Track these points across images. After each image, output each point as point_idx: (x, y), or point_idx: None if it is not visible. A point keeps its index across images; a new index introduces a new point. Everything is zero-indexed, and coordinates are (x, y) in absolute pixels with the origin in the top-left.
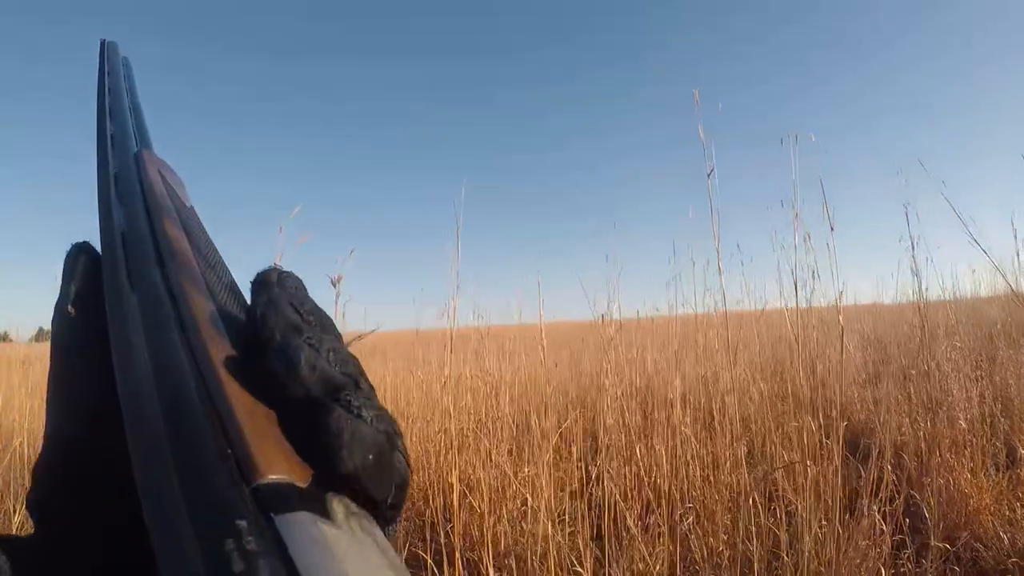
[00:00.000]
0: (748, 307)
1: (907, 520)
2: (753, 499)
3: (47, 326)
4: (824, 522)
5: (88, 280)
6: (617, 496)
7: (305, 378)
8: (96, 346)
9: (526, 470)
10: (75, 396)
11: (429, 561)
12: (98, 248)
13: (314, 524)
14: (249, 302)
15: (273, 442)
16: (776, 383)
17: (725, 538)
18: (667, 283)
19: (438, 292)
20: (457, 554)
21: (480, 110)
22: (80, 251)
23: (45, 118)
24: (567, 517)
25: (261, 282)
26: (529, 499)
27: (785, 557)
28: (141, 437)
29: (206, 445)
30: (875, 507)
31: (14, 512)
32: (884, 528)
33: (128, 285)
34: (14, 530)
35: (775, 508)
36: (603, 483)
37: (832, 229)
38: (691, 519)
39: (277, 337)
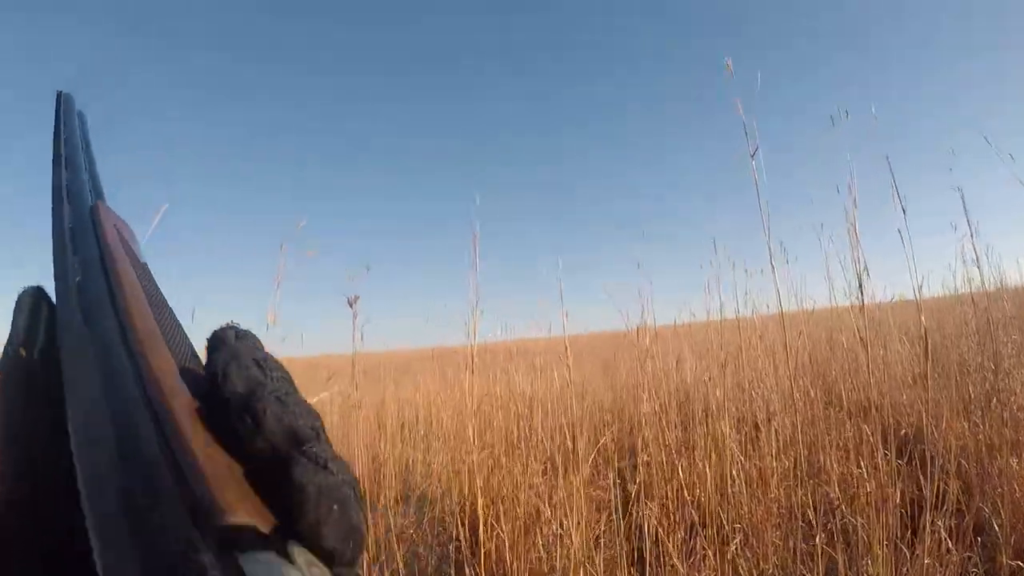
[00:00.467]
0: (791, 307)
1: (977, 538)
2: (805, 516)
3: None
4: (885, 541)
5: (41, 325)
6: (656, 520)
7: (270, 434)
8: (46, 392)
9: (561, 492)
10: (22, 446)
11: None
12: (51, 294)
13: (278, 566)
14: (205, 359)
15: (237, 489)
16: (821, 388)
17: (776, 561)
18: (704, 286)
19: (462, 308)
20: None
21: (495, 118)
22: (33, 296)
23: None
24: (604, 541)
25: (219, 339)
26: (564, 522)
27: None
28: (96, 487)
29: (164, 491)
30: (939, 522)
31: None
32: (951, 546)
33: (86, 334)
34: None
35: (829, 525)
36: (642, 503)
37: (904, 211)
38: (738, 539)
39: (241, 392)
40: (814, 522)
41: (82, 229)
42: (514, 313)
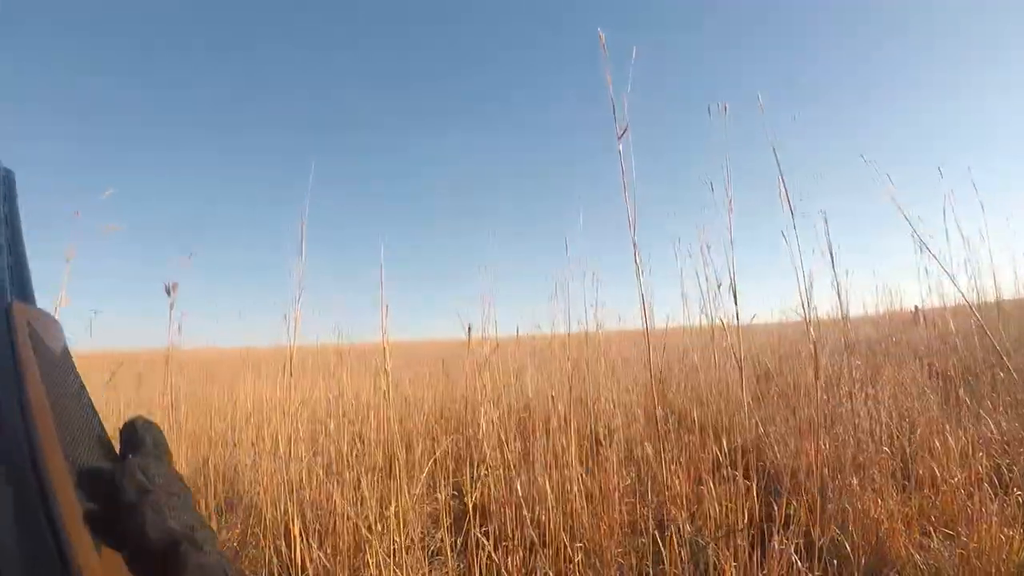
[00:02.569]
0: (637, 323)
1: (831, 560)
2: (648, 534)
3: None
4: (734, 563)
5: None
6: (494, 539)
7: (154, 534)
8: None
9: (392, 507)
10: None
11: None
12: None
13: None
14: (118, 450)
15: None
16: (662, 405)
17: None
18: (551, 296)
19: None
20: None
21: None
22: None
23: None
24: (443, 555)
25: (124, 440)
26: (397, 540)
27: None
28: None
29: None
30: (787, 540)
31: None
32: (801, 567)
33: None
34: None
35: (671, 539)
36: (479, 520)
37: (792, 212)
38: (579, 558)
39: (130, 501)
40: (659, 540)
41: None
42: (346, 316)
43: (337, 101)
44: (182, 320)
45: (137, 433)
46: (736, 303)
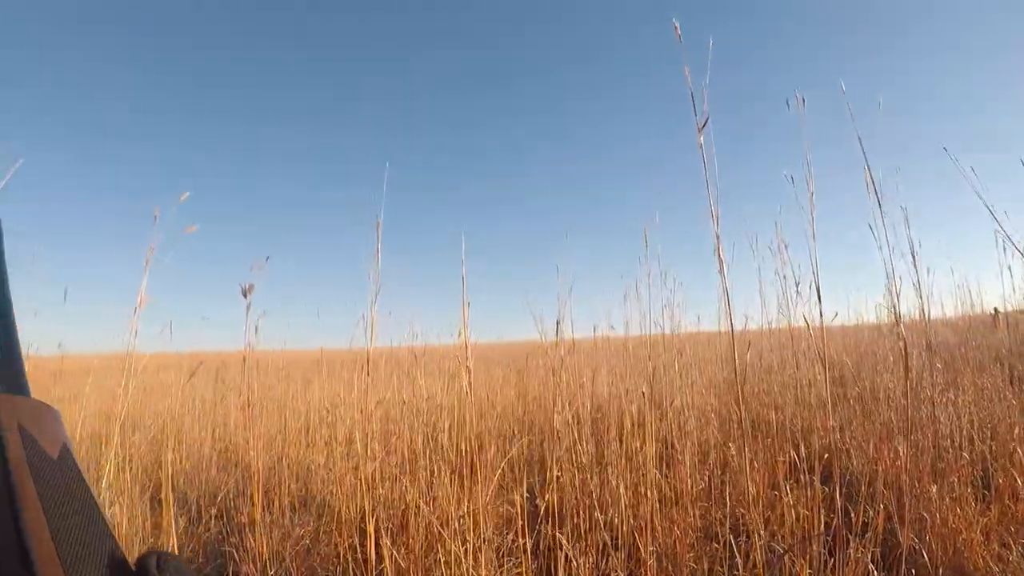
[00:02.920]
0: (713, 326)
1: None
2: (721, 539)
3: None
4: (809, 571)
5: None
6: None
7: None
8: None
9: (465, 506)
10: None
11: None
12: None
13: None
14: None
15: None
16: (736, 408)
17: None
18: (625, 296)
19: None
20: None
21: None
22: None
23: None
24: (511, 560)
25: (142, 572)
26: (469, 539)
27: None
28: None
29: None
30: (864, 548)
31: None
32: (876, 575)
33: None
34: None
35: (751, 553)
36: (553, 522)
37: (880, 203)
38: (652, 562)
39: None
40: (734, 546)
41: None
42: (425, 318)
43: (410, 103)
44: (259, 322)
45: (151, 571)
46: (820, 301)
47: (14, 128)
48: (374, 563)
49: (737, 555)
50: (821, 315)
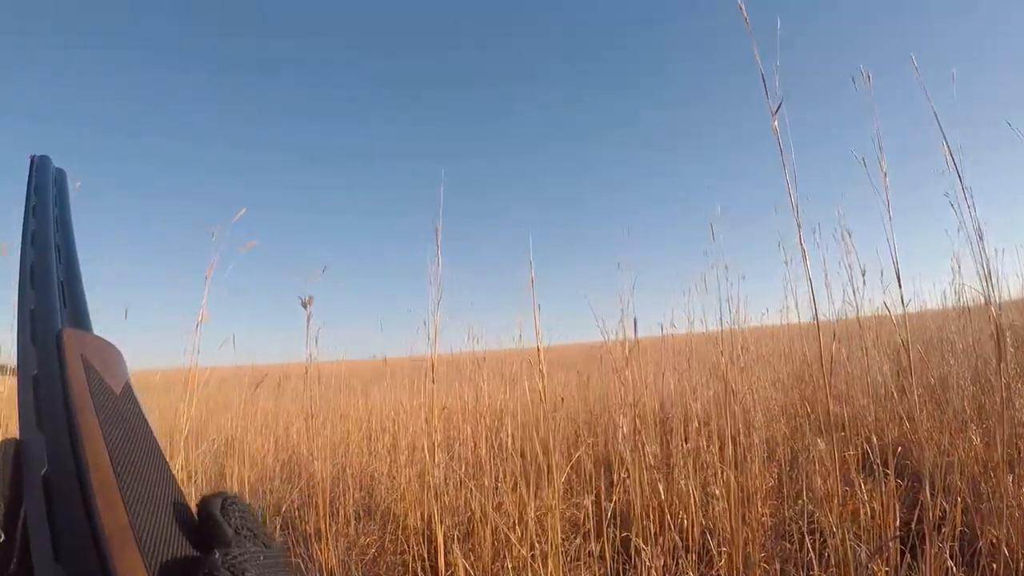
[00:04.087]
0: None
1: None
2: (792, 537)
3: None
4: (886, 569)
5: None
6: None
7: None
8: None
9: (533, 511)
10: None
11: None
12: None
13: None
14: (197, 519)
15: None
16: (801, 402)
17: None
18: (687, 292)
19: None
20: None
21: (460, 113)
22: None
23: None
24: (579, 564)
25: (206, 516)
26: (537, 544)
27: None
28: None
29: None
30: (942, 543)
31: None
32: (955, 571)
33: (47, 533)
34: None
35: (825, 551)
36: (621, 524)
37: (960, 177)
38: (723, 563)
39: None
40: (809, 545)
41: (47, 374)
42: (481, 322)
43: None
44: (318, 333)
45: (216, 514)
46: (900, 287)
47: (72, 149)
48: (443, 571)
49: (812, 553)
50: (903, 301)
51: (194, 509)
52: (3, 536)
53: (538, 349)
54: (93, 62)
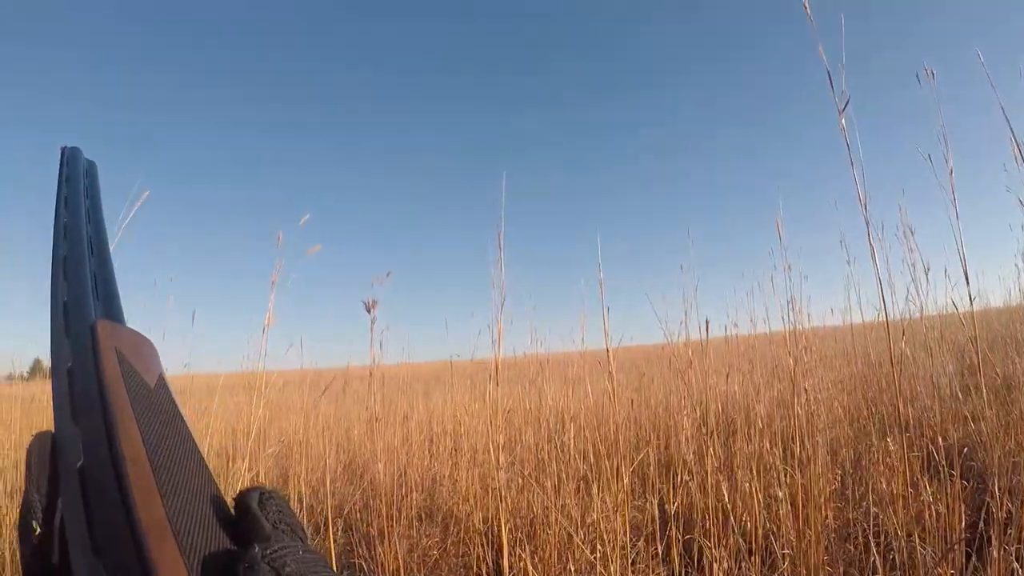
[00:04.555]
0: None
1: None
2: (855, 540)
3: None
4: (952, 572)
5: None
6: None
7: None
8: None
9: (595, 513)
10: None
11: None
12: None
13: None
14: (234, 512)
15: None
16: (864, 403)
17: None
18: (748, 293)
19: (487, 317)
20: None
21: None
22: (41, 442)
23: None
24: (640, 567)
25: (244, 510)
26: (599, 547)
27: None
28: None
29: None
30: (1008, 546)
31: None
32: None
33: (83, 529)
34: None
35: (892, 554)
36: (683, 526)
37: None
38: (785, 566)
39: None
40: (874, 549)
41: (81, 366)
42: (543, 326)
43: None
44: (383, 336)
45: (254, 508)
46: (968, 284)
47: (139, 161)
48: (506, 572)
49: (876, 557)
50: (971, 298)
51: (230, 503)
52: (40, 529)
53: (607, 350)
54: (161, 69)
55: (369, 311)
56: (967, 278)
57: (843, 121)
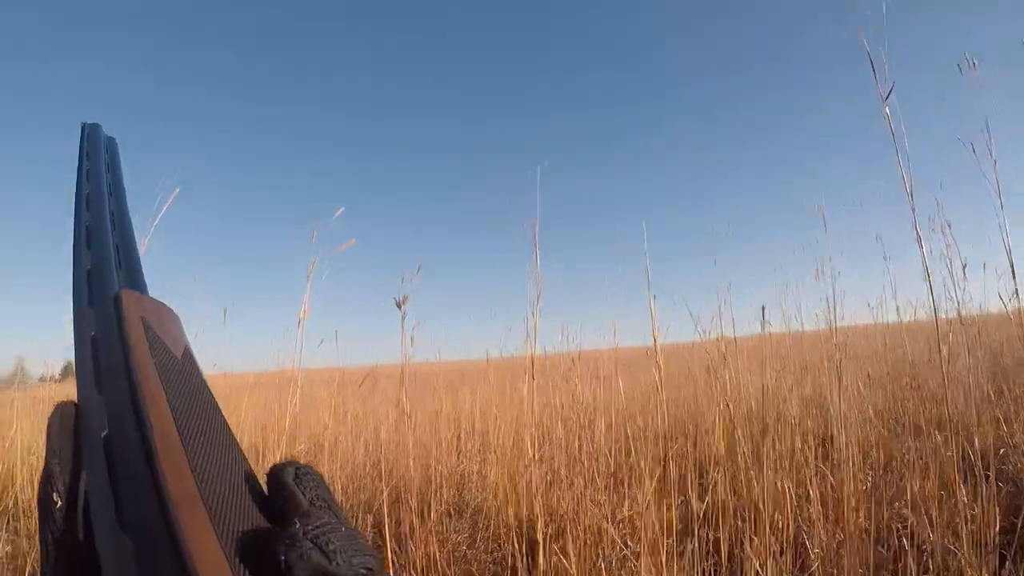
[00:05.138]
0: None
1: None
2: (888, 543)
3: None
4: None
5: (68, 445)
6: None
7: None
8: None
9: (625, 510)
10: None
11: None
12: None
13: None
14: (266, 489)
15: None
16: (895, 404)
17: None
18: (781, 290)
19: (519, 314)
20: None
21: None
22: (63, 414)
23: None
24: (673, 564)
25: (280, 486)
26: (630, 543)
27: None
28: None
29: None
30: None
31: None
32: None
33: (110, 501)
34: None
35: (925, 558)
36: (714, 524)
37: None
38: (816, 566)
39: None
40: (909, 552)
41: (106, 333)
42: (574, 322)
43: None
44: (414, 332)
45: (290, 483)
46: (1014, 277)
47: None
48: (538, 568)
49: (910, 559)
50: (1018, 294)
51: (263, 479)
52: (62, 503)
53: (654, 339)
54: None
55: (399, 307)
56: (1013, 272)
57: (887, 110)
